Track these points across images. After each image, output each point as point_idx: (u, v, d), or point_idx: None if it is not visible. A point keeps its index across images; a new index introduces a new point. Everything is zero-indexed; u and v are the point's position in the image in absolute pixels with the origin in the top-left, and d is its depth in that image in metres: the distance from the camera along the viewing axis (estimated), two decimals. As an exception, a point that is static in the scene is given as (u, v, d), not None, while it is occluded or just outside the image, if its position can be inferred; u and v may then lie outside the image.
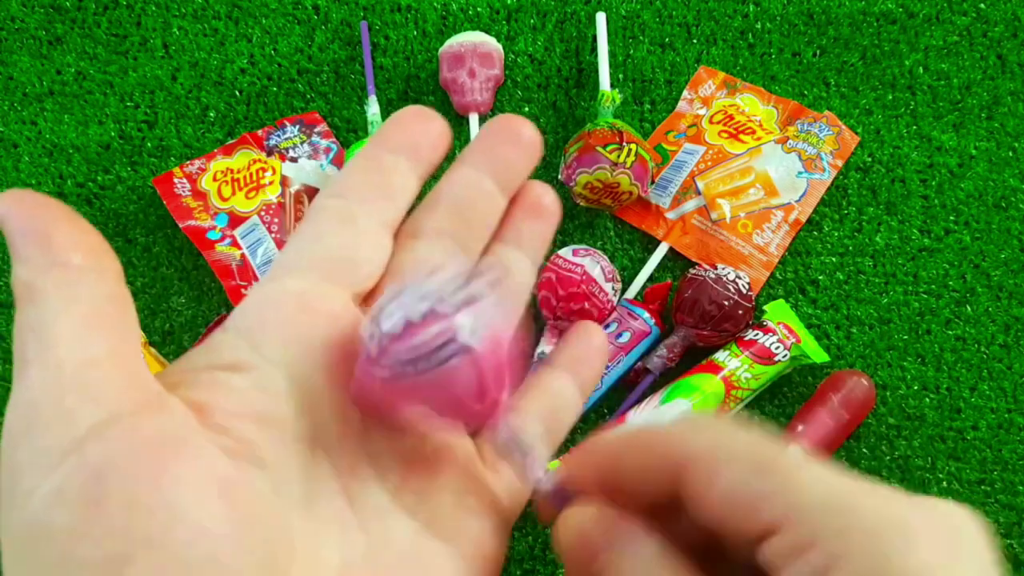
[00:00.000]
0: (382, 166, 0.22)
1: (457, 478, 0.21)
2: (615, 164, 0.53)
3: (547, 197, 0.24)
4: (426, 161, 0.22)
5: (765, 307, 0.54)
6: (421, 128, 0.22)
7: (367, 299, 0.21)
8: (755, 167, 0.58)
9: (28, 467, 0.15)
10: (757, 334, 0.52)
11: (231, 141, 0.60)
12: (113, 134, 0.61)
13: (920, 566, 0.15)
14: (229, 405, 0.17)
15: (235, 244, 0.57)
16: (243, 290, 0.55)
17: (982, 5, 0.65)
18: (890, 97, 0.62)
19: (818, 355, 0.52)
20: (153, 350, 0.53)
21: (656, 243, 0.58)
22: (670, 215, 0.58)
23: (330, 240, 0.20)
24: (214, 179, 0.58)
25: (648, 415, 0.50)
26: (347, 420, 0.19)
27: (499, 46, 0.61)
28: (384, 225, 0.22)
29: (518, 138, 0.23)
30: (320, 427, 0.19)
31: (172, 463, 0.15)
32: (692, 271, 0.54)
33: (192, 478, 0.15)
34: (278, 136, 0.60)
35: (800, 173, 0.58)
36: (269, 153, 0.60)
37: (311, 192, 0.58)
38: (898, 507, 0.16)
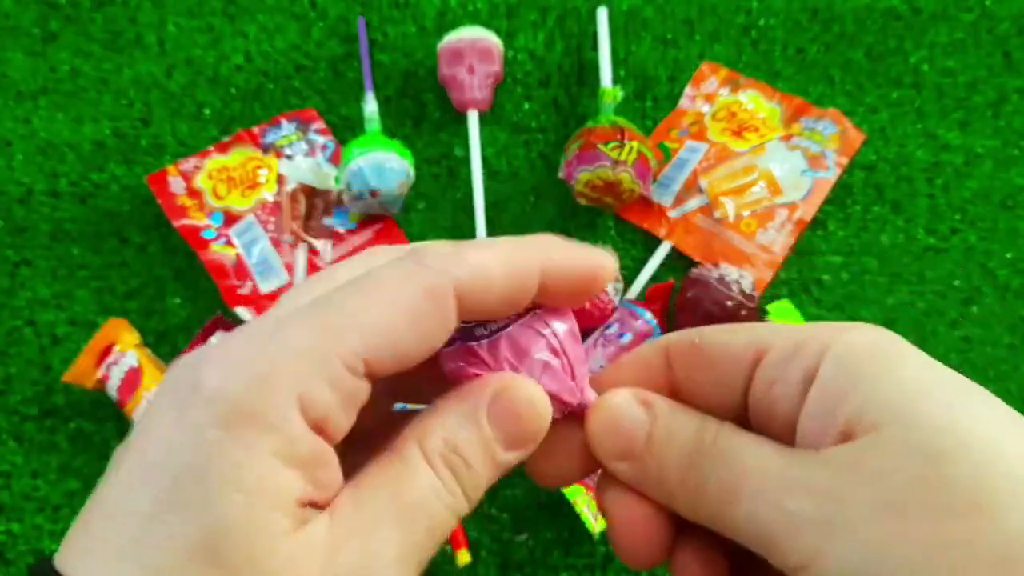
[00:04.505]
0: None
1: None
2: (616, 162, 0.53)
3: None
4: None
5: (768, 307, 0.53)
6: None
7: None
8: (759, 165, 0.57)
9: None
10: (761, 335, 0.51)
11: (226, 139, 0.59)
12: (107, 132, 0.60)
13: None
14: None
15: (230, 243, 0.56)
16: (238, 290, 0.54)
17: (988, 2, 0.64)
18: (895, 94, 0.61)
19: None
20: (148, 351, 0.52)
21: (658, 242, 0.57)
22: (672, 214, 0.57)
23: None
24: (209, 177, 0.58)
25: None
26: None
27: (499, 42, 0.61)
28: None
29: None
30: None
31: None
32: (694, 271, 0.53)
33: None
34: (274, 133, 0.59)
35: (804, 171, 0.57)
36: (265, 151, 0.59)
37: (308, 191, 0.57)
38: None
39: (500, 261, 0.19)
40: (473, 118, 0.59)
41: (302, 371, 0.17)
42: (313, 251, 0.56)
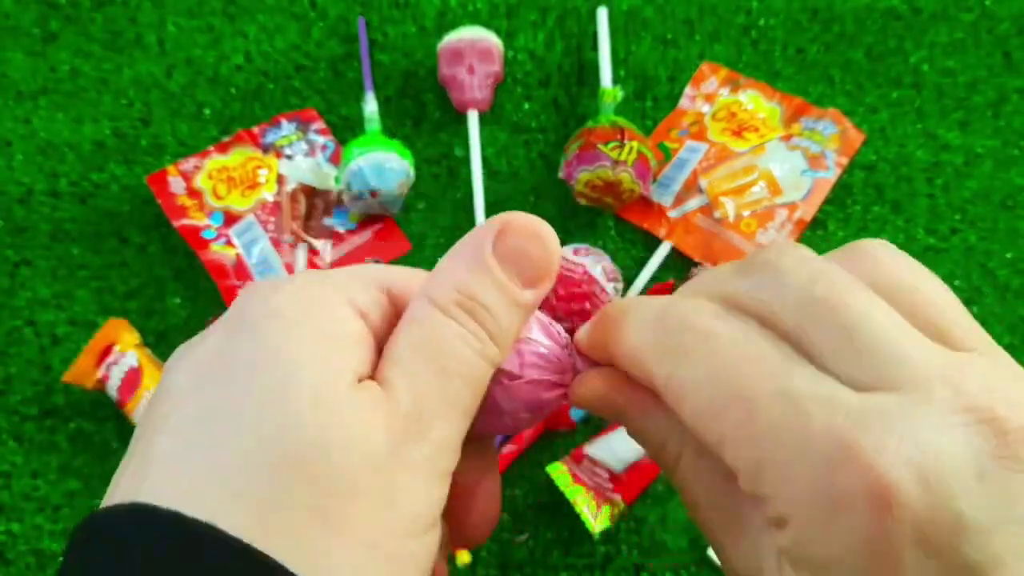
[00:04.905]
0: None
1: None
2: (616, 162, 0.53)
3: None
4: None
5: (769, 307, 0.53)
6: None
7: None
8: (759, 165, 0.57)
9: None
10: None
11: (226, 139, 0.59)
12: (107, 132, 0.60)
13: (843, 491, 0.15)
14: None
15: (230, 243, 0.56)
16: (238, 290, 0.54)
17: (988, 2, 0.64)
18: (895, 94, 0.61)
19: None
20: (148, 351, 0.52)
21: (658, 242, 0.57)
22: (672, 214, 0.57)
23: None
24: (209, 177, 0.58)
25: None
26: None
27: (499, 42, 0.61)
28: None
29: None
30: None
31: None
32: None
33: None
34: (274, 133, 0.59)
35: (804, 171, 0.57)
36: (265, 151, 0.59)
37: (308, 191, 0.57)
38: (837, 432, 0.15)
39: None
40: (473, 118, 0.59)
41: (342, 279, 0.19)
42: (313, 251, 0.56)
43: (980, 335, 0.17)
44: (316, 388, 0.16)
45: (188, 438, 0.16)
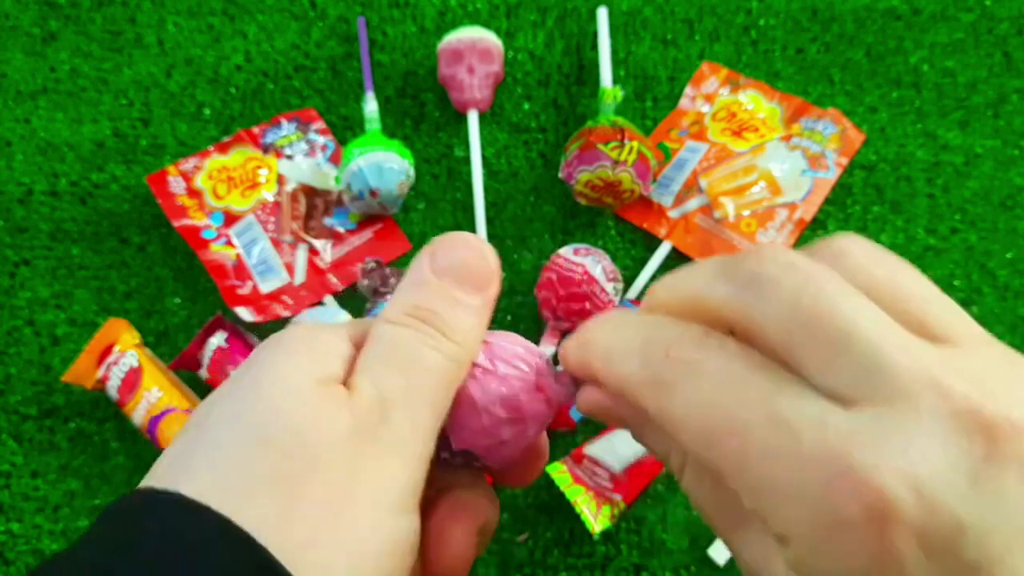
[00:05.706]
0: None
1: None
2: (616, 162, 0.53)
3: None
4: None
5: (769, 307, 0.53)
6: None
7: None
8: (759, 165, 0.57)
9: None
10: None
11: (226, 139, 0.59)
12: (107, 132, 0.60)
13: None
14: None
15: (230, 243, 0.56)
16: (238, 290, 0.54)
17: (987, 2, 0.64)
18: (895, 94, 0.61)
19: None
20: (148, 351, 0.52)
21: (658, 242, 0.57)
22: (672, 214, 0.57)
23: None
24: (209, 177, 0.57)
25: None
26: None
27: (499, 42, 0.61)
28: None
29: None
30: None
31: None
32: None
33: None
34: (274, 133, 0.59)
35: (804, 171, 0.57)
36: (265, 151, 0.59)
37: (308, 191, 0.57)
38: None
39: None
40: (473, 118, 0.59)
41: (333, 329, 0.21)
42: (313, 251, 0.56)
43: (963, 322, 0.17)
44: (289, 385, 0.19)
45: (193, 435, 0.19)
